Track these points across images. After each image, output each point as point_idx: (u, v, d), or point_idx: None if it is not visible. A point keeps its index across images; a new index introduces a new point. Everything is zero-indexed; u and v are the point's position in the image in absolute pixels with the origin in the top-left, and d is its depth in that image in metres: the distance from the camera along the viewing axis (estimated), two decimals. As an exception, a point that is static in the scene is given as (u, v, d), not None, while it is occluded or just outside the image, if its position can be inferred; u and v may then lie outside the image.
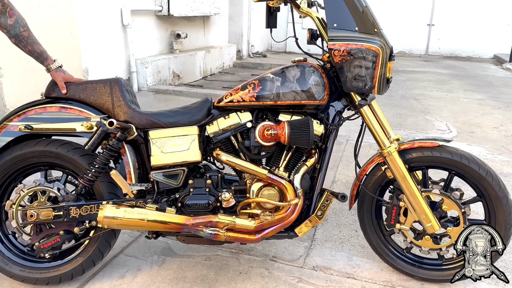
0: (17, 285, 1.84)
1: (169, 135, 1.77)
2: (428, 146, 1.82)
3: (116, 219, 1.65)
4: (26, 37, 1.70)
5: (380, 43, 1.74)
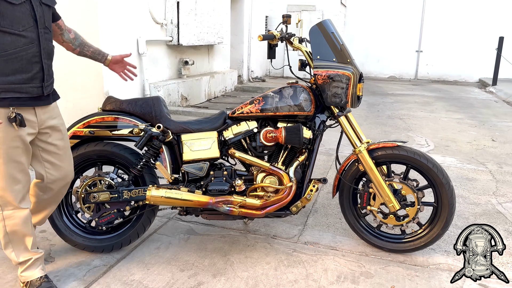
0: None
1: (196, 137, 2.38)
2: (390, 146, 2.43)
3: (159, 198, 2.25)
4: (86, 43, 2.26)
5: (352, 70, 2.36)
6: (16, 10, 1.73)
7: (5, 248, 1.98)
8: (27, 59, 1.79)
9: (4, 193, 1.86)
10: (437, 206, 2.43)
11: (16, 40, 1.74)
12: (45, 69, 1.87)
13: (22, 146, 1.85)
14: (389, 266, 2.41)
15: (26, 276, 2.00)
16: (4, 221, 1.91)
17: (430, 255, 2.54)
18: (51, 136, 1.99)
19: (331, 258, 2.46)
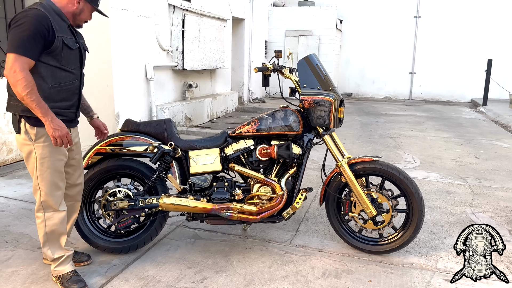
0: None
1: (201, 154, 2.79)
2: (367, 160, 2.83)
3: (170, 204, 2.65)
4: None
5: (334, 96, 2.78)
6: (72, 54, 2.26)
7: (43, 246, 2.36)
8: (72, 90, 2.28)
9: (47, 198, 2.26)
10: (408, 212, 2.82)
11: (68, 76, 2.25)
12: (79, 100, 2.38)
13: (64, 158, 2.30)
14: (368, 264, 2.78)
15: (59, 271, 2.37)
16: (45, 222, 2.30)
17: (405, 256, 2.91)
18: (73, 151, 2.45)
19: (318, 258, 2.84)
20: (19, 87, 2.03)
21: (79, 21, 2.34)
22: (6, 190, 3.96)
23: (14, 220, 3.30)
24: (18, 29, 2.05)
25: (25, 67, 2.05)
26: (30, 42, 2.05)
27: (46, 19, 2.10)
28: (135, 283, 2.47)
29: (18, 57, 2.03)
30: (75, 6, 2.26)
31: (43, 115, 2.09)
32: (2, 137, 4.56)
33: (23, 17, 2.07)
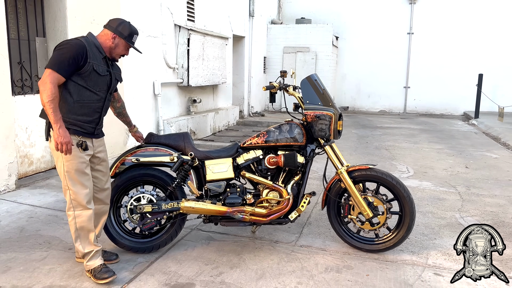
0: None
1: (216, 163, 3.14)
2: (364, 168, 3.18)
3: (190, 208, 2.98)
4: (124, 113, 3.13)
5: (333, 111, 3.14)
6: (100, 79, 2.67)
7: (75, 241, 2.69)
8: (93, 109, 2.67)
9: (76, 196, 2.61)
10: (401, 214, 3.16)
11: (92, 96, 2.64)
12: (100, 118, 2.75)
13: (86, 162, 2.66)
14: (366, 261, 3.11)
15: (90, 265, 2.68)
16: (75, 219, 2.64)
17: (399, 254, 3.25)
18: (100, 158, 2.81)
19: (321, 256, 3.17)
20: (44, 95, 2.41)
21: (115, 55, 2.75)
22: (31, 199, 4.27)
23: (43, 225, 3.62)
24: (59, 51, 2.52)
25: (55, 81, 2.44)
26: (64, 63, 2.48)
27: (83, 48, 2.54)
28: (160, 277, 2.79)
29: (52, 72, 2.45)
30: (110, 42, 2.69)
31: (54, 122, 2.44)
32: (24, 150, 4.89)
33: (66, 44, 2.55)
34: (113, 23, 2.72)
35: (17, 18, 4.81)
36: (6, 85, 4.38)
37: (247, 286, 2.71)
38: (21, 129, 4.84)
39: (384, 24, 13.80)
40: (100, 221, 2.93)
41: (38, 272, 2.82)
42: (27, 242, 3.26)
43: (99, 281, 2.64)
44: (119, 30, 2.69)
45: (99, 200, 2.87)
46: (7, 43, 4.45)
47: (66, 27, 5.09)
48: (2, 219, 3.74)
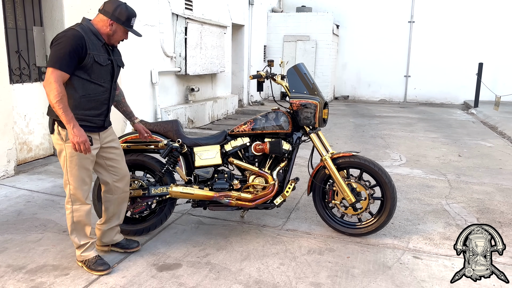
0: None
1: (204, 149, 3.25)
2: (347, 155, 3.28)
3: (179, 192, 3.10)
4: (123, 102, 3.05)
5: (319, 99, 3.23)
6: (103, 69, 2.58)
7: (70, 234, 2.72)
8: (100, 101, 2.63)
9: (76, 191, 2.62)
10: (383, 200, 3.26)
11: (97, 88, 2.58)
12: (108, 110, 2.72)
13: (90, 157, 2.63)
14: (348, 244, 3.23)
15: (85, 256, 2.73)
16: (73, 213, 2.66)
17: (381, 238, 3.36)
18: (111, 148, 2.78)
19: (305, 240, 3.29)
20: (51, 95, 2.35)
21: (114, 41, 2.63)
22: (29, 184, 4.42)
23: (39, 209, 3.76)
24: (57, 47, 2.41)
25: (59, 80, 2.37)
26: (66, 58, 2.39)
27: (81, 39, 2.43)
28: (148, 258, 2.92)
29: (55, 70, 2.37)
30: (108, 28, 2.55)
31: (67, 122, 2.39)
32: (23, 137, 5.02)
33: (62, 37, 2.43)
34: (109, 7, 2.55)
35: (14, 8, 4.90)
36: (4, 73, 4.49)
37: (231, 267, 2.84)
38: (20, 117, 4.96)
39: (385, 13, 13.75)
40: (121, 209, 2.92)
41: (33, 252, 2.96)
42: (24, 225, 3.41)
43: (94, 272, 2.69)
44: (115, 16, 2.54)
45: (119, 188, 2.84)
46: (5, 32, 4.55)
47: (63, 16, 5.17)
48: (1, 203, 3.88)
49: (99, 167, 2.79)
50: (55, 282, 2.59)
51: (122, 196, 2.90)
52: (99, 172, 2.81)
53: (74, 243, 2.74)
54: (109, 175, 2.81)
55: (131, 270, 2.77)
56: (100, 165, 2.78)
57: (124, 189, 2.89)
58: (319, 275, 2.76)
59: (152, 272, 2.74)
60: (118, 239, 2.98)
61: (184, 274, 2.72)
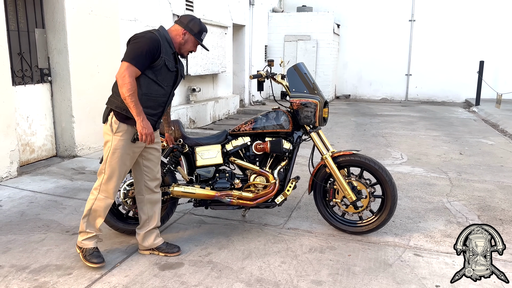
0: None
1: (205, 149, 3.27)
2: (348, 154, 3.30)
3: (180, 192, 3.13)
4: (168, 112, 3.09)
5: (319, 98, 3.25)
6: (169, 74, 2.73)
7: (82, 217, 2.76)
8: (158, 103, 2.74)
9: (108, 182, 2.69)
10: (384, 197, 3.27)
11: (159, 90, 2.70)
12: (163, 113, 2.83)
13: (132, 154, 2.71)
14: (349, 242, 3.24)
15: (85, 243, 2.78)
16: (96, 201, 2.73)
17: (382, 236, 3.37)
18: (153, 149, 2.86)
19: (306, 238, 3.30)
20: (125, 89, 2.49)
21: (184, 51, 2.79)
22: (32, 185, 4.45)
23: (42, 209, 3.79)
24: (136, 44, 2.56)
25: (133, 75, 2.52)
26: (142, 57, 2.54)
27: (157, 42, 2.59)
28: (150, 257, 2.95)
29: (130, 66, 2.52)
30: (180, 37, 2.73)
31: (137, 115, 2.54)
32: (26, 139, 5.05)
33: (141, 37, 2.59)
34: (184, 19, 2.76)
35: (16, 10, 4.93)
36: (6, 75, 4.53)
37: (233, 265, 2.86)
38: (22, 118, 5.00)
39: (386, 12, 13.75)
40: (155, 210, 2.96)
41: (36, 252, 2.99)
42: (27, 225, 3.43)
43: (87, 263, 2.74)
44: (189, 27, 2.72)
45: (149, 189, 2.90)
46: (7, 34, 4.58)
47: (65, 18, 5.20)
48: (4, 204, 3.91)
49: (136, 165, 2.87)
50: (58, 282, 2.62)
51: (153, 197, 2.94)
52: (134, 169, 2.90)
53: (81, 227, 2.79)
54: (142, 174, 2.89)
55: (133, 269, 2.79)
56: (137, 163, 2.87)
57: (154, 190, 2.94)
58: (320, 273, 2.78)
59: (154, 271, 2.76)
60: (158, 243, 2.99)
61: (186, 273, 2.75)
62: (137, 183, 2.93)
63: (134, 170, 2.91)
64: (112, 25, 5.96)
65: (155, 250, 2.98)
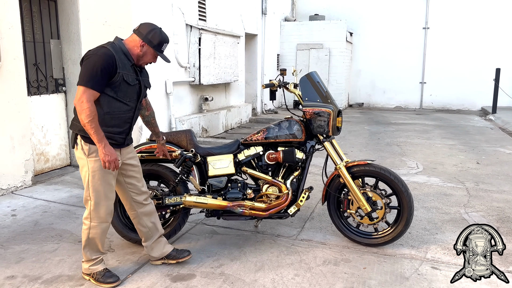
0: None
1: (217, 159, 3.24)
2: (362, 163, 3.24)
3: (192, 202, 3.10)
4: (153, 123, 3.08)
5: (332, 107, 3.20)
6: (130, 88, 2.58)
7: (83, 248, 2.70)
8: (124, 119, 2.61)
9: (97, 208, 2.60)
10: (400, 209, 3.20)
11: (122, 106, 2.57)
12: (131, 128, 2.72)
13: (113, 173, 2.63)
14: (364, 255, 3.17)
15: (93, 269, 2.71)
16: (90, 230, 2.64)
17: (398, 248, 3.29)
18: (130, 166, 2.77)
19: (320, 250, 3.24)
20: (83, 115, 2.37)
21: (142, 63, 2.64)
22: (46, 194, 4.48)
23: (56, 219, 3.80)
24: (89, 64, 2.42)
25: (91, 99, 2.40)
26: (97, 77, 2.40)
27: (111, 58, 2.44)
28: (162, 268, 2.92)
29: (86, 89, 2.39)
30: (139, 49, 2.56)
31: (98, 141, 2.42)
32: (40, 148, 5.10)
33: (93, 55, 2.44)
34: (144, 29, 2.58)
35: (32, 22, 5.02)
36: (22, 86, 4.59)
37: (245, 277, 2.81)
38: (37, 128, 5.05)
39: (399, 19, 13.65)
40: (153, 220, 2.89)
41: (49, 262, 2.98)
42: (40, 235, 3.44)
43: (103, 285, 2.67)
44: (148, 38, 2.55)
45: (139, 203, 2.83)
46: (23, 45, 4.65)
47: (79, 29, 5.27)
48: (18, 213, 3.94)
49: (118, 183, 2.77)
50: (70, 293, 2.60)
51: (146, 209, 2.86)
52: (117, 189, 2.79)
53: (85, 257, 2.72)
54: (127, 192, 2.80)
55: (145, 280, 2.76)
56: (118, 182, 2.76)
57: (144, 202, 2.86)
58: (335, 287, 2.71)
59: (166, 283, 2.73)
60: (168, 250, 2.94)
61: (198, 285, 2.71)
62: (125, 201, 2.84)
63: (117, 190, 2.79)
64: (126, 35, 5.99)
65: (166, 259, 2.94)
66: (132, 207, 2.85)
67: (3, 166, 4.43)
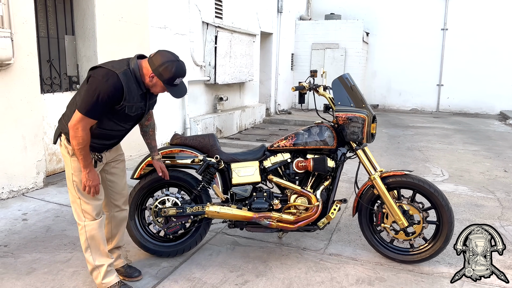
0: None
1: (242, 166, 3.02)
2: (399, 174, 2.99)
3: (215, 212, 2.88)
4: (150, 135, 2.84)
5: (367, 113, 2.97)
6: (129, 116, 2.43)
7: (85, 252, 2.49)
8: (113, 135, 2.48)
9: (87, 206, 2.43)
10: (439, 224, 2.95)
11: (115, 126, 2.43)
12: (119, 141, 2.60)
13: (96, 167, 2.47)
14: (399, 273, 2.93)
15: (107, 283, 2.50)
16: (85, 228, 2.45)
17: (435, 265, 3.04)
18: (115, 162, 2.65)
19: (351, 266, 3.01)
20: (75, 141, 2.26)
21: (153, 91, 2.46)
22: (58, 197, 4.29)
23: (69, 225, 3.61)
24: (93, 91, 2.24)
25: (87, 128, 2.27)
26: (98, 107, 2.25)
27: (119, 91, 2.26)
28: (183, 284, 2.71)
29: (84, 118, 2.24)
30: (148, 79, 2.37)
31: (84, 167, 2.33)
32: (53, 148, 4.92)
33: (101, 81, 2.24)
34: (157, 59, 2.34)
35: (46, 17, 4.84)
36: (35, 83, 4.41)
37: (273, 297, 2.59)
38: (50, 127, 4.87)
39: (417, 20, 13.32)
40: (120, 229, 2.75)
41: (61, 275, 2.79)
42: (52, 243, 3.25)
43: None
44: (159, 71, 2.33)
45: (116, 206, 2.69)
46: (37, 41, 4.47)
47: (95, 25, 5.09)
48: (30, 217, 3.75)
49: None
50: (85, 310, 2.40)
51: (120, 215, 2.73)
52: None
53: (89, 264, 2.50)
54: (107, 190, 2.66)
55: (165, 297, 2.55)
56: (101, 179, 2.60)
57: (121, 207, 2.73)
58: (372, 310, 2.48)
59: (187, 301, 2.52)
60: (119, 264, 2.75)
61: (222, 304, 2.49)
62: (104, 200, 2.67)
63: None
64: (141, 32, 5.83)
65: None
66: (107, 206, 2.71)
67: (14, 167, 4.25)
